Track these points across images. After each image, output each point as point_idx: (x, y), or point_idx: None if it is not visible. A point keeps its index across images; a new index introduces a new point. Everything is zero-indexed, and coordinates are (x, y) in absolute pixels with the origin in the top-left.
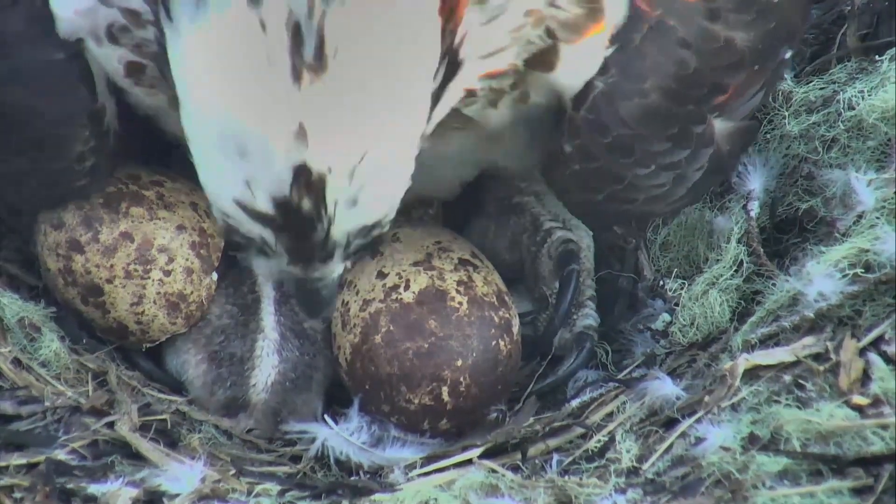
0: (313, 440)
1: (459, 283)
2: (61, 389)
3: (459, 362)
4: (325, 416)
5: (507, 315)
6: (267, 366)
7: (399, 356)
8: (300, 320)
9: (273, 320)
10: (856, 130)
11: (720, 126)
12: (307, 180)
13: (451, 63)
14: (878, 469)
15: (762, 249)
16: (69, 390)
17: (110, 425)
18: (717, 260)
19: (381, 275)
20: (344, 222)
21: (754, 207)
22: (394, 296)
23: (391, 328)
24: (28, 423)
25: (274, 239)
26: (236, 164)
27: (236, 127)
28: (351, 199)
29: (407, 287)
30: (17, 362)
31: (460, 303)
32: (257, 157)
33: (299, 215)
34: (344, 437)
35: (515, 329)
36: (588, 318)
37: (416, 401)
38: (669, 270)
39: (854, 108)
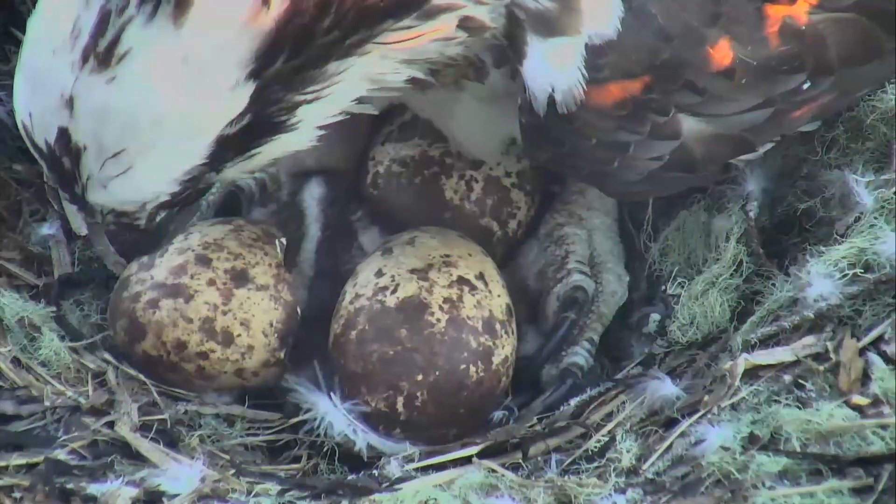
0: (315, 417)
1: (446, 300)
2: (61, 389)
3: (419, 377)
4: (330, 394)
5: (491, 344)
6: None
7: (365, 356)
8: (340, 267)
9: (311, 260)
10: (855, 131)
11: (693, 126)
12: (67, 144)
13: (268, 122)
14: (877, 469)
15: (761, 250)
16: (69, 390)
17: (110, 425)
18: (717, 259)
19: (379, 273)
20: (95, 197)
21: (753, 208)
22: (379, 297)
23: (366, 327)
24: (28, 423)
25: (48, 172)
26: (28, 95)
27: (36, 64)
28: (101, 182)
29: (394, 291)
30: (16, 362)
31: (439, 319)
32: (38, 101)
33: (62, 167)
34: (346, 416)
35: (498, 359)
36: (577, 356)
37: (373, 404)
38: (670, 274)
39: (853, 109)
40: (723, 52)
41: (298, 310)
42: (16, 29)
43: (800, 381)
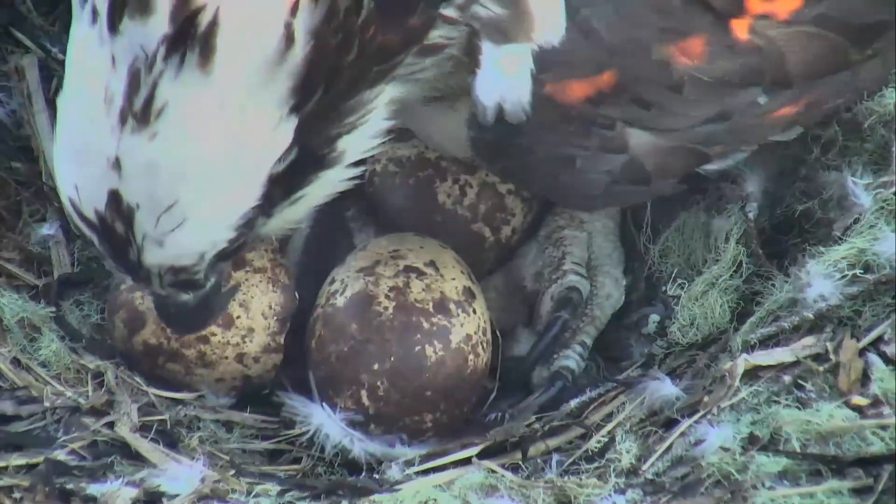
0: (310, 424)
1: (392, 288)
2: (61, 390)
3: (376, 366)
4: (323, 404)
5: (446, 323)
6: None
7: (325, 360)
8: (329, 266)
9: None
10: (853, 133)
11: (642, 139)
12: (118, 206)
13: (313, 156)
14: (877, 469)
15: (761, 250)
16: (69, 390)
17: (110, 425)
18: (717, 260)
19: (331, 281)
20: (151, 257)
21: (752, 209)
22: (331, 301)
23: (322, 333)
24: (27, 424)
25: (99, 246)
26: (71, 168)
27: (76, 136)
28: (157, 239)
29: (343, 292)
30: (16, 362)
31: (386, 307)
32: (84, 169)
33: (115, 234)
34: (341, 426)
35: (458, 338)
36: (569, 359)
37: (342, 404)
38: (670, 275)
39: (851, 111)
40: (671, 67)
41: (297, 294)
42: (15, 29)
43: (799, 381)
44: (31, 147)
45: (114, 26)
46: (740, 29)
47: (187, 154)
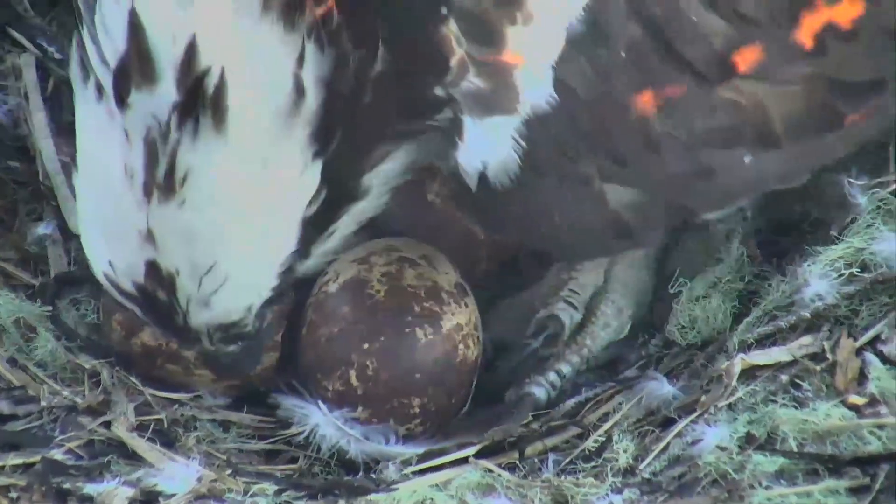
0: (306, 424)
1: (385, 274)
2: (57, 389)
3: (366, 345)
4: (319, 402)
5: (437, 309)
6: None
7: (315, 343)
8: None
9: None
10: None
11: (620, 195)
12: (158, 275)
13: (341, 191)
14: (874, 469)
15: (758, 251)
16: (65, 390)
17: (106, 425)
18: (720, 260)
19: (324, 273)
20: (199, 318)
21: (750, 209)
22: (323, 289)
23: (313, 318)
24: (24, 423)
25: (142, 315)
26: (103, 245)
27: (102, 213)
28: (202, 300)
29: (335, 279)
30: (12, 362)
31: (378, 290)
32: (116, 245)
33: (158, 302)
34: (337, 424)
35: (449, 325)
36: (539, 386)
37: (331, 387)
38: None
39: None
40: (648, 124)
41: (293, 293)
42: (13, 28)
43: (796, 380)
44: (28, 146)
45: (122, 100)
46: (722, 84)
47: (219, 215)
